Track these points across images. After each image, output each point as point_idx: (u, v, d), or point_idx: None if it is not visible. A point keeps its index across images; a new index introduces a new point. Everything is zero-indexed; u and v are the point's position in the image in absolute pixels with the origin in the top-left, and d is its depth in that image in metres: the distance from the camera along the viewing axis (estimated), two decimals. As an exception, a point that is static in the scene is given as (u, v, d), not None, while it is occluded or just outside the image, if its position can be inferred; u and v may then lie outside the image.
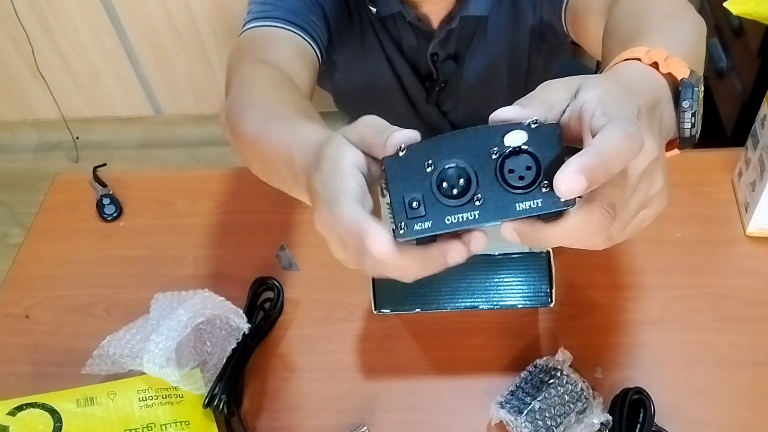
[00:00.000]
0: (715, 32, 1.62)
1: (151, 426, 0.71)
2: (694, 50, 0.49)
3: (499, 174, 0.34)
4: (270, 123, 0.56)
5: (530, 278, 0.72)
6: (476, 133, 0.35)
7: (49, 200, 1.00)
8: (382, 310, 0.74)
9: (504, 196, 0.35)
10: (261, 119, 0.58)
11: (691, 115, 0.44)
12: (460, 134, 0.35)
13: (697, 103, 0.43)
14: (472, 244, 0.36)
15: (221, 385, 0.72)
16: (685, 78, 0.43)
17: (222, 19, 1.90)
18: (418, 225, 0.35)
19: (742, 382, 0.72)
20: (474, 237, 0.37)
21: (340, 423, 0.73)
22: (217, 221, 0.95)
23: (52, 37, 1.99)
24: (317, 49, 0.80)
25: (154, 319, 0.75)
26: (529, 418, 0.66)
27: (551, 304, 0.72)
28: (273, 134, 0.53)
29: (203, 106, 2.16)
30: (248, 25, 0.78)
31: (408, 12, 0.80)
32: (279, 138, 0.51)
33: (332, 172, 0.39)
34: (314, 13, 0.81)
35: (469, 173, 0.34)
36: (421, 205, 0.35)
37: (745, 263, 0.82)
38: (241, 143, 0.62)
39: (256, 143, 0.57)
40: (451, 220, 0.35)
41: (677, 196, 0.89)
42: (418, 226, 0.35)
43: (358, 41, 0.87)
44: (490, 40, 0.86)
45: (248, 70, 0.68)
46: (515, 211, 0.35)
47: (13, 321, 0.86)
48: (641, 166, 0.36)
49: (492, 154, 0.34)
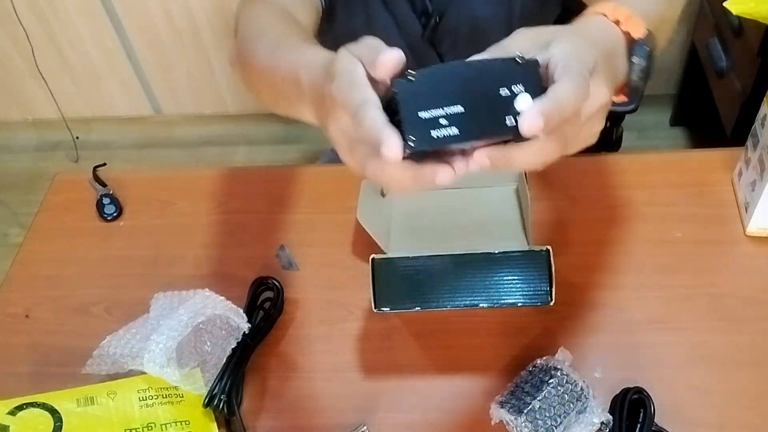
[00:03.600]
0: (715, 32, 1.62)
1: (152, 426, 0.71)
2: (659, 15, 0.56)
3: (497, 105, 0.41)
4: (277, 50, 0.60)
5: (530, 277, 0.72)
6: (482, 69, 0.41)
7: (49, 200, 1.00)
8: (381, 308, 0.74)
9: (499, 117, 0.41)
10: (268, 49, 0.62)
11: (639, 70, 0.50)
12: (468, 66, 0.41)
13: (646, 61, 0.50)
14: (456, 165, 0.43)
15: (221, 385, 0.72)
16: (640, 38, 0.50)
17: (222, 19, 1.90)
18: (431, 134, 0.40)
19: (742, 382, 0.72)
20: (458, 160, 0.43)
21: (340, 423, 0.73)
22: (217, 221, 0.95)
23: (52, 37, 1.99)
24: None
25: (155, 319, 0.75)
26: (529, 417, 0.66)
27: (551, 303, 0.72)
28: (281, 58, 0.58)
29: (203, 106, 2.16)
30: None
31: None
32: (286, 61, 0.56)
33: (350, 82, 0.43)
34: None
35: (470, 102, 0.40)
36: (429, 122, 0.40)
37: (745, 263, 0.82)
38: (252, 76, 0.66)
39: (265, 71, 0.62)
40: (455, 132, 0.41)
41: (677, 196, 0.89)
42: (433, 135, 0.40)
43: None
44: None
45: (253, 10, 0.72)
46: (506, 128, 0.41)
47: (13, 321, 0.86)
48: (592, 108, 0.44)
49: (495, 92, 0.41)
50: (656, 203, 0.88)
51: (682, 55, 1.88)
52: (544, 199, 0.90)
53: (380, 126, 0.40)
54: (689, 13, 1.78)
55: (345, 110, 0.43)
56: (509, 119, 0.41)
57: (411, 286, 0.74)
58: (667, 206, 0.88)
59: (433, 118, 0.40)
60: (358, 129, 0.42)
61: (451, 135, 0.41)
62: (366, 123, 0.41)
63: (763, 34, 1.37)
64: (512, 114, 0.41)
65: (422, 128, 0.40)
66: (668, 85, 1.97)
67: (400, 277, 0.74)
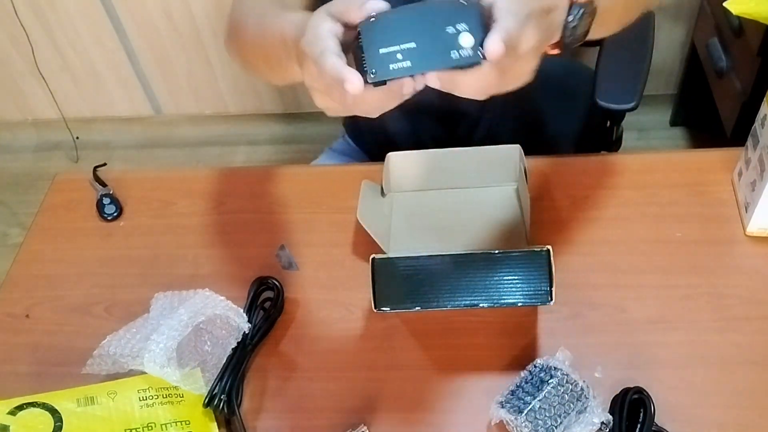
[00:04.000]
0: (715, 32, 1.62)
1: (152, 425, 0.71)
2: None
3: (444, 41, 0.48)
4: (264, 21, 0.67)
5: (530, 276, 0.72)
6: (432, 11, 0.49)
7: (49, 200, 1.00)
8: (381, 308, 0.74)
9: (445, 51, 0.48)
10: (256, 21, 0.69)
11: (572, 28, 0.57)
12: (421, 8, 0.49)
13: (579, 21, 0.57)
14: (417, 79, 0.50)
15: (221, 385, 0.72)
16: (577, 2, 0.57)
17: (222, 19, 1.90)
18: (389, 67, 0.48)
19: (742, 382, 0.72)
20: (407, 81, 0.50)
21: (340, 423, 0.73)
22: (217, 221, 0.95)
23: (52, 37, 1.99)
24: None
25: (155, 319, 0.75)
26: (529, 417, 0.66)
27: (551, 302, 0.72)
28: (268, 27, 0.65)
29: (203, 106, 2.16)
30: None
31: None
32: (272, 28, 0.64)
33: (314, 36, 0.51)
34: None
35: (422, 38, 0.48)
36: (387, 56, 0.48)
37: (745, 263, 0.82)
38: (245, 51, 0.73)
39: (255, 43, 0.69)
40: (408, 65, 0.49)
41: (677, 195, 0.89)
42: (390, 67, 0.48)
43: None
44: None
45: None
46: (450, 60, 0.49)
47: (13, 321, 0.87)
48: (527, 47, 0.51)
49: (443, 30, 0.48)
50: (656, 203, 0.88)
51: (682, 55, 1.88)
52: (544, 199, 0.90)
53: (339, 68, 0.48)
54: (689, 13, 1.78)
55: (311, 61, 0.51)
56: (454, 53, 0.48)
57: (411, 286, 0.74)
58: (667, 206, 0.88)
59: (390, 52, 0.48)
60: (323, 75, 0.49)
61: (404, 67, 0.49)
62: (326, 68, 0.49)
63: (763, 34, 1.37)
64: (456, 48, 0.48)
65: (381, 62, 0.48)
66: (668, 85, 1.97)
67: (400, 277, 0.74)
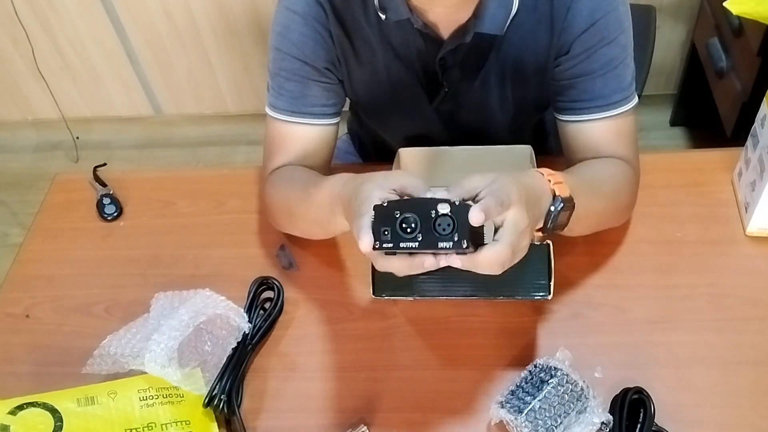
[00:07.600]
0: (715, 32, 1.62)
1: (152, 425, 0.71)
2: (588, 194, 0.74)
3: (433, 225, 0.59)
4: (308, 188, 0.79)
5: (529, 270, 0.71)
6: (426, 201, 0.60)
7: (49, 200, 1.01)
8: (380, 295, 0.73)
9: (434, 237, 0.59)
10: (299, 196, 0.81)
11: (552, 218, 0.67)
12: (417, 200, 0.62)
13: (560, 211, 0.67)
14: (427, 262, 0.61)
15: (221, 385, 0.73)
16: (560, 196, 0.67)
17: (222, 19, 1.90)
18: (385, 244, 0.59)
19: (742, 382, 0.72)
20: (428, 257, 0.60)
21: (340, 423, 0.73)
22: (217, 221, 0.95)
23: (52, 37, 1.99)
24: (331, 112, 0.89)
25: (155, 319, 0.75)
26: (529, 417, 0.66)
27: (550, 297, 0.71)
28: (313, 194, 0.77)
29: (203, 106, 2.16)
30: (268, 110, 0.88)
31: (416, 19, 0.80)
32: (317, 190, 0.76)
33: (366, 198, 0.63)
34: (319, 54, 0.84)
35: (417, 222, 0.59)
36: (389, 234, 0.59)
37: (745, 263, 0.82)
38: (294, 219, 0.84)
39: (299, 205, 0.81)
40: (403, 244, 0.59)
41: (677, 196, 0.90)
42: (385, 245, 0.59)
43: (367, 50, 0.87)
44: (502, 58, 0.85)
45: (277, 174, 0.88)
46: (438, 247, 0.59)
47: (13, 321, 0.87)
48: (520, 228, 0.61)
49: (431, 214, 0.59)
50: (656, 203, 0.88)
51: (682, 55, 1.88)
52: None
53: (358, 228, 0.60)
54: (689, 13, 1.78)
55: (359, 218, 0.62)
56: (441, 243, 0.58)
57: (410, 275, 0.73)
58: (667, 206, 0.88)
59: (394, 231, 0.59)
60: None
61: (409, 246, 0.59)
62: (355, 229, 0.61)
63: (763, 34, 1.37)
64: (443, 241, 0.58)
65: (382, 238, 0.59)
66: (668, 85, 1.97)
67: None
